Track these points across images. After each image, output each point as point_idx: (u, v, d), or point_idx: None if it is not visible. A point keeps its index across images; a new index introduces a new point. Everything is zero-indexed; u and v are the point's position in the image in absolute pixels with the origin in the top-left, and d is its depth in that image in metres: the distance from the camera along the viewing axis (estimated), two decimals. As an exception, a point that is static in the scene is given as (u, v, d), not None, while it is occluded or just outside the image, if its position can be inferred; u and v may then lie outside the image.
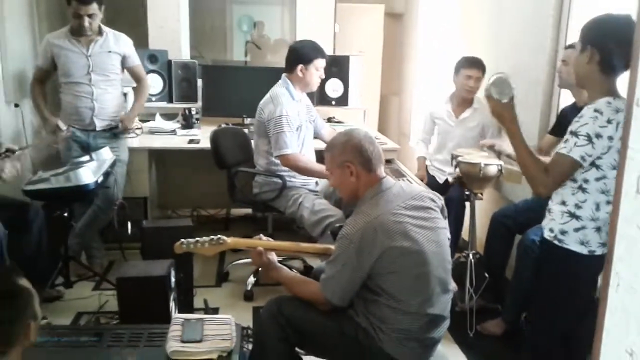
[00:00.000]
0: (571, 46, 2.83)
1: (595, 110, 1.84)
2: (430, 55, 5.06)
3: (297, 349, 2.18)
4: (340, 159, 2.09)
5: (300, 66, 3.25)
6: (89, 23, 3.30)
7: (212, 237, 2.20)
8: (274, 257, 2.20)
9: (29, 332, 1.42)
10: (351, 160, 2.06)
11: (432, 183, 3.69)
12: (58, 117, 3.52)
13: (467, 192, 3.13)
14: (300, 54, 3.27)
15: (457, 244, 3.52)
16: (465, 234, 3.47)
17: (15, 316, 1.40)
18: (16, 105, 3.90)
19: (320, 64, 3.29)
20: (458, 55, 3.76)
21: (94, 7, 3.28)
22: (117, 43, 3.50)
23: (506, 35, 3.63)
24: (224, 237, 2.20)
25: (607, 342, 0.95)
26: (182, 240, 2.20)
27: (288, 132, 3.18)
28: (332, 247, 2.12)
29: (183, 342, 2.01)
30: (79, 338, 2.10)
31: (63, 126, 3.43)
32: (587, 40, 1.93)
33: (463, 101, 3.68)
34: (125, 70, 3.62)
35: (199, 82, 4.42)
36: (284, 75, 3.34)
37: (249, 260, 2.26)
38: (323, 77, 3.38)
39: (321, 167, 3.23)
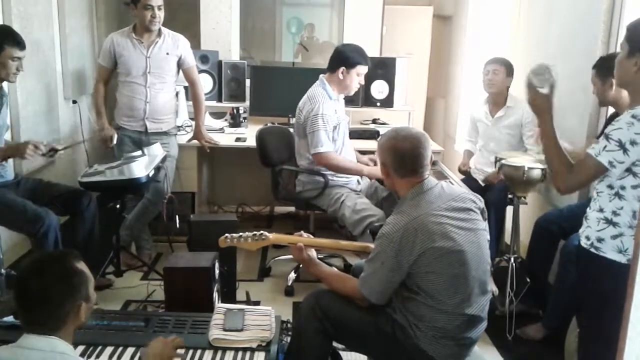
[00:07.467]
0: (596, 66, 2.77)
1: (633, 117, 1.78)
2: (478, 58, 5.02)
3: (335, 343, 2.22)
4: (379, 155, 2.15)
5: (342, 68, 3.27)
6: (157, 15, 3.43)
7: (254, 232, 2.27)
8: (313, 253, 2.25)
9: (79, 312, 1.47)
10: (385, 163, 2.09)
11: (473, 185, 3.66)
12: (112, 125, 3.62)
13: (510, 196, 3.11)
14: (345, 57, 3.29)
15: (498, 247, 3.50)
16: (508, 237, 3.44)
17: (67, 296, 1.45)
18: (74, 102, 4.10)
19: (362, 70, 3.31)
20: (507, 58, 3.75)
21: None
22: (175, 45, 3.59)
23: (556, 39, 3.58)
24: (266, 233, 2.26)
25: (632, 335, 0.97)
26: (227, 234, 2.28)
27: (323, 130, 3.21)
28: (371, 245, 2.15)
29: (225, 330, 2.09)
30: (127, 323, 2.20)
31: (114, 140, 3.54)
32: (637, 46, 1.83)
33: (498, 101, 3.69)
34: (180, 71, 3.70)
35: (247, 82, 4.52)
36: (321, 76, 3.37)
37: (290, 256, 2.32)
38: (362, 83, 3.40)
39: (356, 166, 3.28)
